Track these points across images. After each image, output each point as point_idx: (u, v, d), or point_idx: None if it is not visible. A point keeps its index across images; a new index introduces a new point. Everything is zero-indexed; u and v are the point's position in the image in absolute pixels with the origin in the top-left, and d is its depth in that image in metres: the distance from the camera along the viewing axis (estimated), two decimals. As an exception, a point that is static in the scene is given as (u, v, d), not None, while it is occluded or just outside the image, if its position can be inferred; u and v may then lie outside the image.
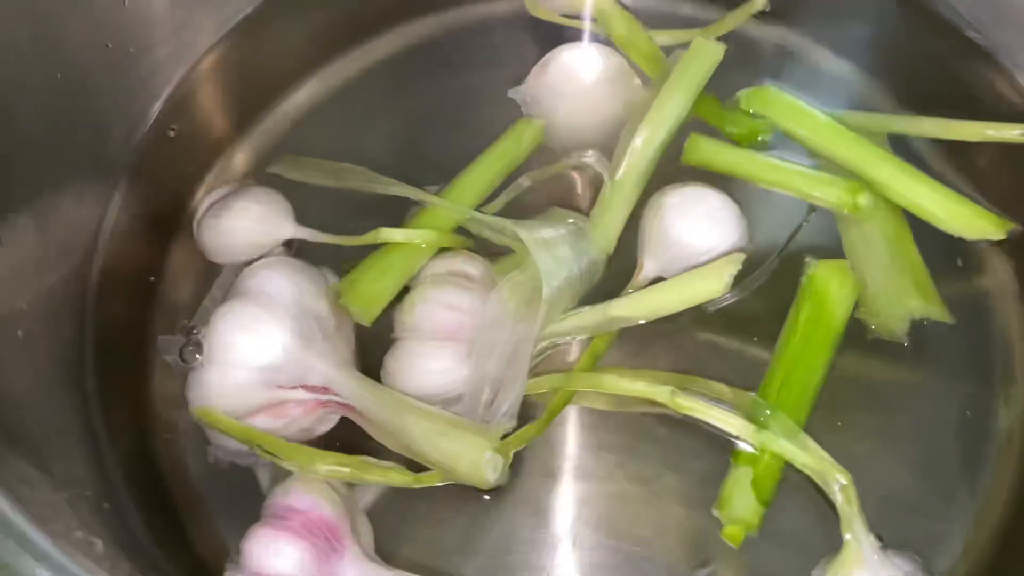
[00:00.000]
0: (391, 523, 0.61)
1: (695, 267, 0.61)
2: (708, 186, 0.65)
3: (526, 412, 0.61)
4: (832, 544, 0.57)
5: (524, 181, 0.68)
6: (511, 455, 0.58)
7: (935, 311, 0.64)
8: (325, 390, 0.59)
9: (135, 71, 0.70)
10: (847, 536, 0.55)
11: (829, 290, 0.63)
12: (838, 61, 0.74)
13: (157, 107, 0.72)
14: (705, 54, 0.69)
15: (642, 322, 0.61)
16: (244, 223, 0.65)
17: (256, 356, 0.57)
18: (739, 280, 0.61)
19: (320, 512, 0.56)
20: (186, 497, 0.63)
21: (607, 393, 0.62)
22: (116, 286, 0.67)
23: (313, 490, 0.57)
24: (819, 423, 0.61)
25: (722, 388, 0.60)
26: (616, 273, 0.65)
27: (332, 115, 0.74)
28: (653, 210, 0.64)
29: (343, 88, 0.74)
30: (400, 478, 0.58)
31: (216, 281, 0.66)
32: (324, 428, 0.62)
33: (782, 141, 0.70)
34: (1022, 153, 0.67)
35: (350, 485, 0.60)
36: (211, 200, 0.67)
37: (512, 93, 0.71)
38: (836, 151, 0.68)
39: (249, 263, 0.63)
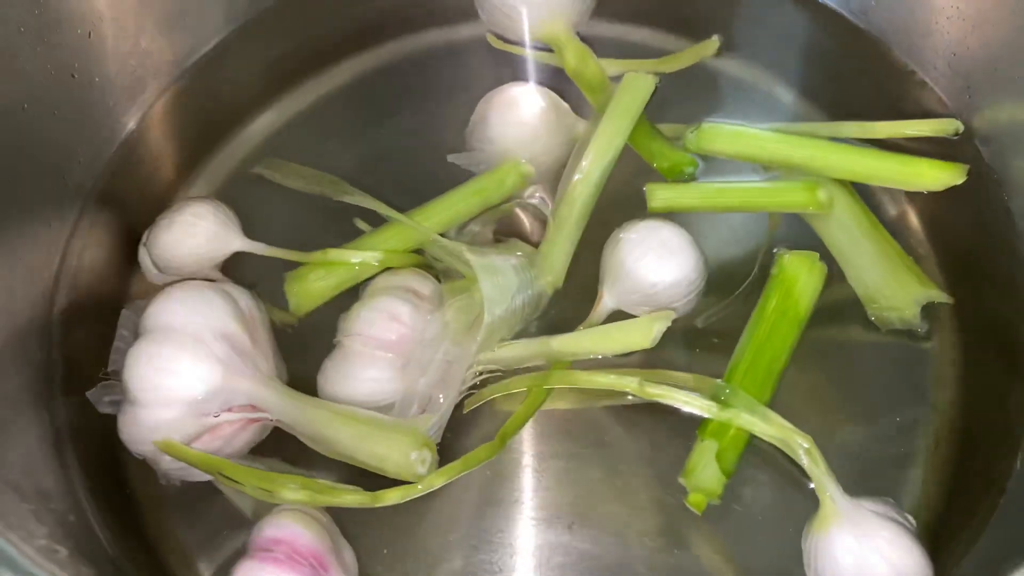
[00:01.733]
0: (371, 541, 0.62)
1: (648, 299, 0.64)
2: (663, 219, 0.66)
3: (479, 423, 0.64)
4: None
5: (474, 227, 0.70)
6: (434, 450, 0.59)
7: (935, 293, 0.66)
8: (252, 408, 0.60)
9: (101, 100, 0.72)
10: (820, 494, 0.57)
11: (797, 280, 0.65)
12: (771, 82, 0.77)
13: (122, 134, 0.74)
14: (637, 88, 0.70)
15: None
16: (191, 239, 0.66)
17: (176, 394, 0.57)
18: (724, 298, 0.66)
19: (304, 540, 0.56)
20: (153, 510, 0.64)
21: (570, 392, 0.64)
22: (82, 310, 0.68)
23: (294, 519, 0.57)
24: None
25: (684, 376, 0.62)
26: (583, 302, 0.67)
27: (294, 142, 0.76)
28: (611, 245, 0.66)
29: (305, 115, 0.76)
30: (357, 499, 0.58)
31: (119, 321, 0.65)
32: (266, 433, 0.62)
33: (711, 169, 0.72)
34: (939, 147, 0.71)
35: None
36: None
37: (453, 158, 0.73)
38: (792, 157, 0.69)
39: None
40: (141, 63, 0.74)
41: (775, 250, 0.67)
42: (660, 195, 0.68)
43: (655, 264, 0.63)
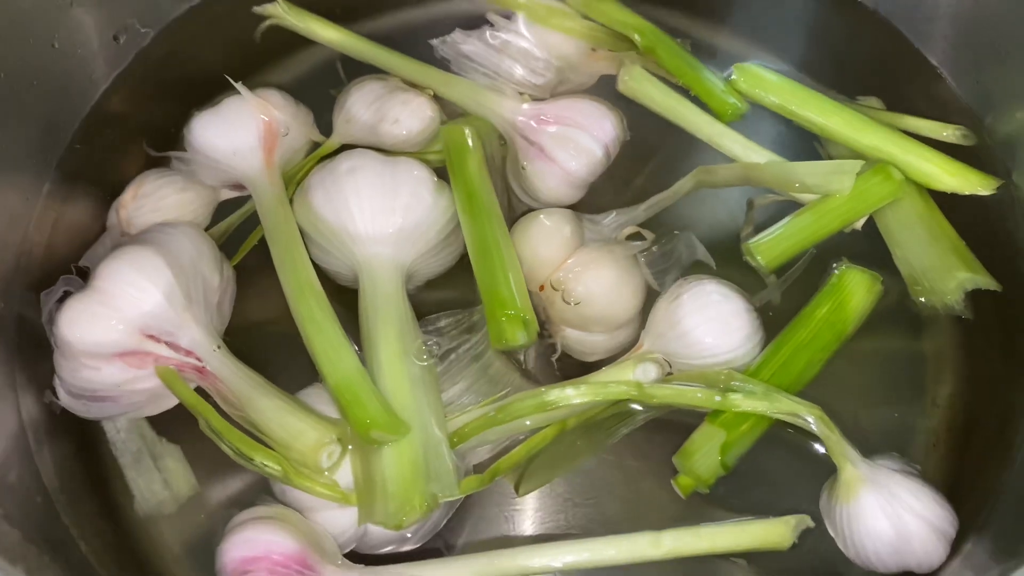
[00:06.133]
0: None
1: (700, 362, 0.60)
2: (726, 285, 0.62)
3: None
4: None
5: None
6: (347, 450, 0.56)
7: (983, 280, 0.64)
8: (189, 353, 0.58)
9: (81, 70, 0.70)
10: (837, 459, 0.56)
11: (853, 296, 0.63)
12: (777, 62, 0.73)
13: (98, 105, 0.72)
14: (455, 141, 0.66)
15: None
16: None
17: (140, 297, 0.56)
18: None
19: (280, 548, 0.53)
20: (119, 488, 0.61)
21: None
22: (52, 278, 0.63)
23: (261, 528, 0.54)
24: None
25: (691, 373, 0.59)
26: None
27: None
28: (669, 299, 0.62)
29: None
30: (327, 492, 0.55)
31: (106, 232, 0.65)
32: (165, 405, 0.61)
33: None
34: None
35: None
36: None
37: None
38: (829, 124, 0.68)
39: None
40: (123, 31, 0.72)
41: (836, 262, 0.65)
42: (768, 253, 0.65)
43: (716, 337, 0.60)
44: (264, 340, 0.64)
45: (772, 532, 0.56)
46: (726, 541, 0.56)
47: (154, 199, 0.65)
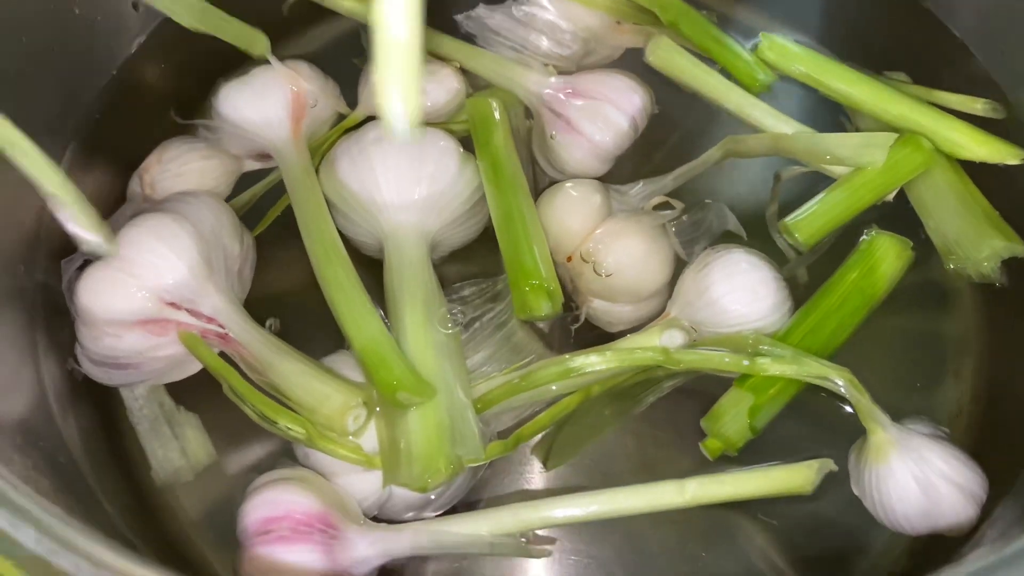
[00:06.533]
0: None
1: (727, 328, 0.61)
2: (754, 254, 0.62)
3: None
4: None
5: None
6: (373, 413, 0.56)
7: (1019, 248, 0.64)
8: (211, 320, 0.59)
9: (101, 37, 0.70)
10: (867, 423, 0.56)
11: (883, 261, 0.63)
12: (801, 36, 0.74)
13: (118, 73, 0.72)
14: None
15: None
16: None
17: (161, 264, 0.57)
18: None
19: (302, 507, 0.53)
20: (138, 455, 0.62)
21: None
22: (72, 246, 0.62)
23: (281, 489, 0.54)
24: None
25: (716, 337, 0.60)
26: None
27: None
28: (698, 266, 0.62)
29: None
30: (351, 456, 0.56)
31: (127, 199, 0.66)
32: (187, 372, 0.61)
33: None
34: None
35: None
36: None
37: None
38: (856, 94, 0.68)
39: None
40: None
41: (866, 230, 0.65)
42: (806, 230, 0.65)
43: (744, 305, 0.60)
44: (286, 311, 0.64)
45: (795, 476, 0.56)
46: (749, 487, 0.56)
47: (178, 163, 0.66)
